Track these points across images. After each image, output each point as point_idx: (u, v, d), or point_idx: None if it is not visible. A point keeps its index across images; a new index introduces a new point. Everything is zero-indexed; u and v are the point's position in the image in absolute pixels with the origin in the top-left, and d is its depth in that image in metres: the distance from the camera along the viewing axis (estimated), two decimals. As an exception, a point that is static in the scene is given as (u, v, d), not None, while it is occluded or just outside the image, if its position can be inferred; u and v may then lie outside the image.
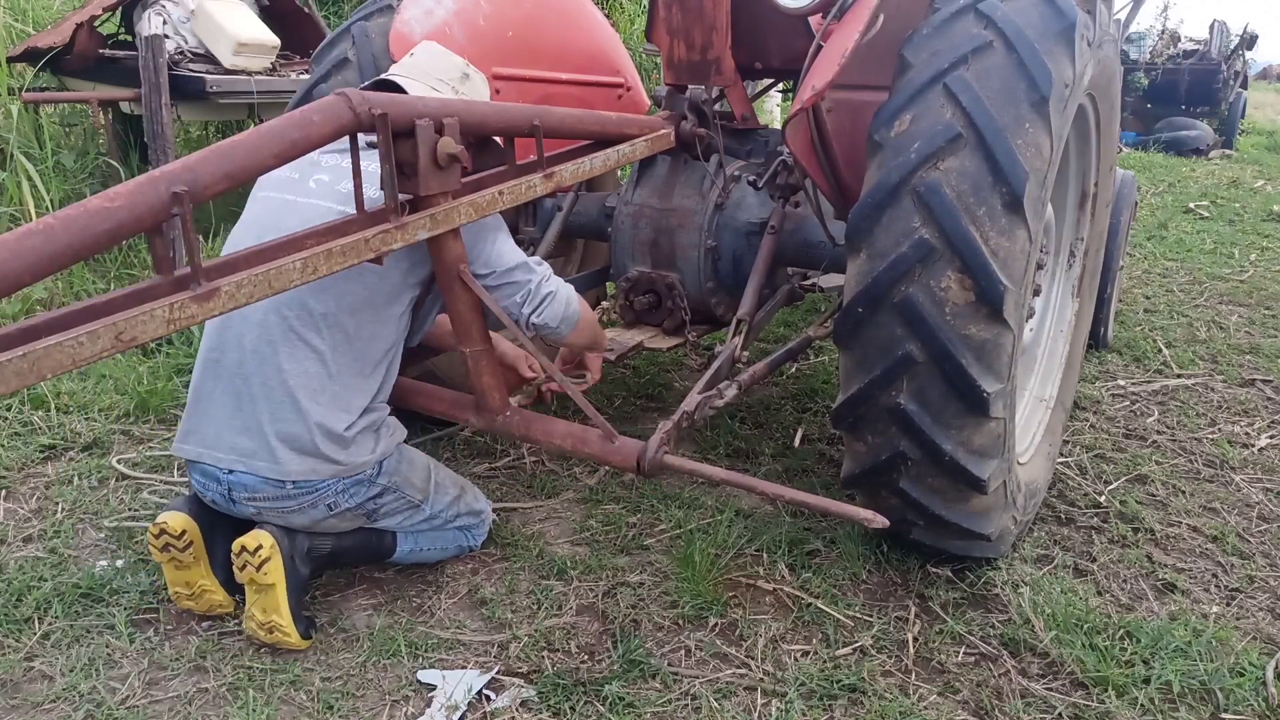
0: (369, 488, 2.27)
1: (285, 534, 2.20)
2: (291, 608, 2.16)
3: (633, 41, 6.94)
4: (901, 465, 2.23)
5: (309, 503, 2.20)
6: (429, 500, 2.41)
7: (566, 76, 3.21)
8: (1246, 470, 3.23)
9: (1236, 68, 13.28)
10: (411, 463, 2.40)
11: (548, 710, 2.05)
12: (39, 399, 3.36)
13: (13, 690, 2.07)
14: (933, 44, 2.18)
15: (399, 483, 2.34)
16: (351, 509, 2.28)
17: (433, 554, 2.52)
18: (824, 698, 2.11)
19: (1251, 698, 2.13)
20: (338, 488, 2.22)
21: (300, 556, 2.22)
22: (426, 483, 2.42)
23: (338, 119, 1.79)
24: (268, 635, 2.17)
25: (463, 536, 2.54)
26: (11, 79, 4.92)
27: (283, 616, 2.15)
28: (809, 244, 2.89)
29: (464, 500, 2.52)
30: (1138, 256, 6.12)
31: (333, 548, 2.32)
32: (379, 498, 2.31)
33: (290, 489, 2.17)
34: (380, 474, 2.28)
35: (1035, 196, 2.06)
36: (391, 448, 2.30)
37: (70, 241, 1.38)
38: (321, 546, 2.30)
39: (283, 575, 2.15)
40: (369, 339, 2.20)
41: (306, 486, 2.17)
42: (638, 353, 2.95)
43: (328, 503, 2.23)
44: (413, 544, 2.47)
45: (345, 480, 2.22)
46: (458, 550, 2.55)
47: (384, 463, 2.28)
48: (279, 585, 2.14)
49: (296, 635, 2.16)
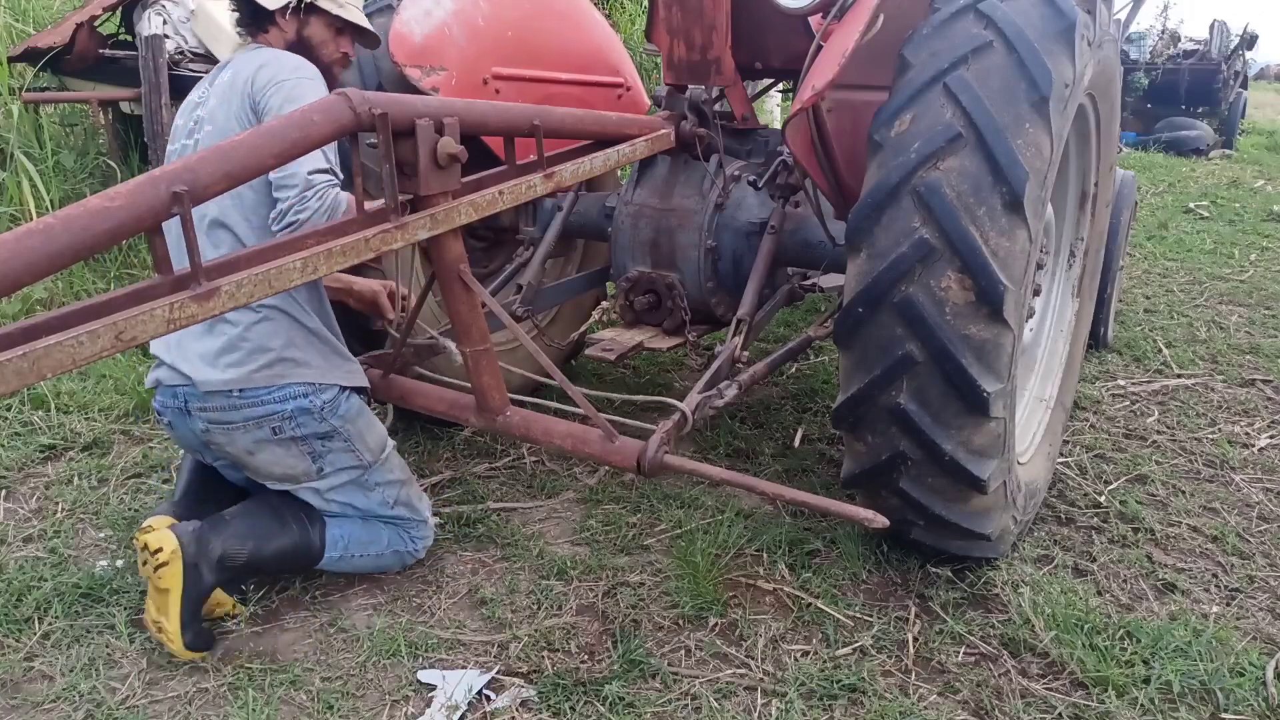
0: (319, 422, 2.27)
1: (195, 539, 2.17)
2: (184, 615, 2.15)
3: (633, 41, 6.94)
4: (901, 465, 2.23)
5: (254, 420, 2.21)
6: (376, 467, 2.40)
7: (566, 76, 3.20)
8: (1246, 470, 3.23)
9: (1236, 68, 13.27)
10: (371, 424, 2.41)
11: (548, 710, 2.05)
12: (39, 399, 3.37)
13: (13, 690, 2.07)
14: (933, 44, 2.18)
15: (351, 432, 2.33)
16: (297, 440, 2.27)
17: (366, 561, 2.44)
18: (824, 698, 2.11)
19: (1251, 698, 2.13)
20: (285, 410, 2.22)
21: (209, 564, 2.19)
22: (379, 448, 2.42)
23: (338, 119, 1.79)
24: (156, 633, 2.18)
25: (399, 539, 2.47)
26: (11, 79, 4.92)
27: (170, 622, 2.14)
28: (809, 244, 2.89)
29: (407, 490, 2.49)
30: (1138, 256, 6.12)
31: (250, 555, 2.26)
32: (328, 439, 2.30)
33: (235, 398, 2.19)
34: (333, 413, 2.28)
35: (1035, 196, 2.06)
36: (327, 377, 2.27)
37: (70, 241, 1.38)
38: (237, 554, 2.24)
39: (179, 583, 2.13)
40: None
41: (251, 396, 2.18)
42: (638, 353, 2.95)
43: (273, 425, 2.23)
44: (344, 544, 2.39)
45: (291, 402, 2.21)
46: (395, 558, 2.48)
47: (339, 405, 2.29)
48: (173, 592, 2.14)
49: (180, 644, 2.14)
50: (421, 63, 2.74)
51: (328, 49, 2.40)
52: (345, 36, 2.43)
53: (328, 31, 2.39)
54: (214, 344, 2.20)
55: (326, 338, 2.33)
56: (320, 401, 2.26)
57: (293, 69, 2.23)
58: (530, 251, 3.19)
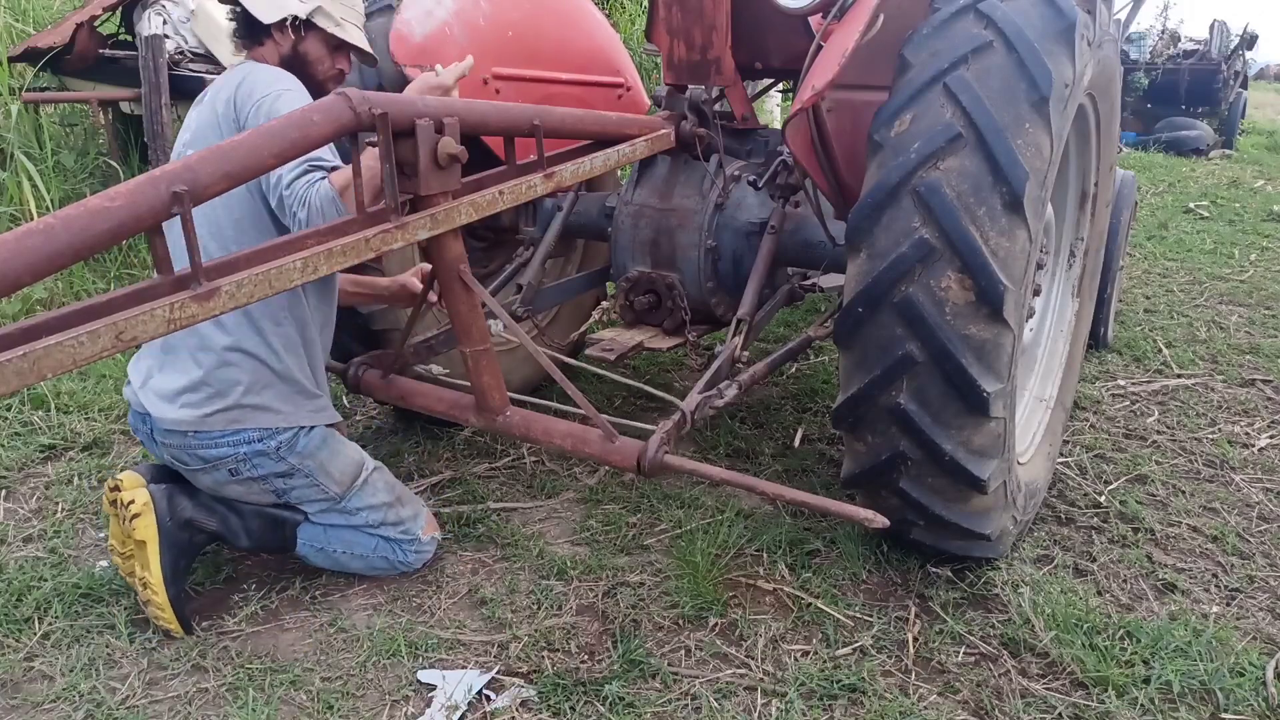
0: (275, 462, 2.25)
1: (166, 496, 2.22)
2: (166, 568, 2.17)
3: (633, 41, 6.94)
4: (901, 465, 2.23)
5: (210, 461, 2.21)
6: (348, 496, 2.38)
7: (566, 76, 3.20)
8: (1246, 470, 3.23)
9: (1236, 68, 13.27)
10: (335, 453, 2.35)
11: (548, 710, 2.05)
12: (39, 399, 3.37)
13: (13, 690, 2.07)
14: (933, 44, 2.18)
15: (312, 468, 2.31)
16: (256, 480, 2.26)
17: (353, 561, 2.44)
18: (824, 698, 2.11)
19: (1251, 698, 2.13)
20: (239, 454, 2.21)
21: (179, 522, 2.21)
22: (350, 477, 2.38)
23: (338, 119, 1.79)
24: (142, 590, 2.20)
25: (390, 549, 2.45)
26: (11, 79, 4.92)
27: (153, 575, 2.16)
28: (809, 244, 2.89)
29: (396, 511, 2.44)
30: (1138, 256, 6.12)
31: (218, 527, 2.30)
32: (287, 477, 2.29)
33: (190, 439, 2.19)
34: (290, 452, 2.26)
35: (1035, 196, 2.06)
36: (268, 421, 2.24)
37: (70, 241, 1.38)
38: (205, 521, 2.27)
39: (154, 533, 2.17)
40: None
41: (205, 438, 2.18)
42: (638, 353, 2.94)
43: (229, 467, 2.23)
44: (321, 541, 2.40)
45: (245, 446, 2.20)
46: (385, 564, 2.46)
47: (297, 442, 2.26)
48: (150, 543, 2.17)
49: (164, 595, 2.17)
50: (422, 62, 2.74)
51: (323, 65, 2.37)
52: (342, 54, 2.41)
53: (323, 49, 2.36)
54: (176, 382, 2.19)
55: (294, 379, 2.28)
56: (276, 443, 2.24)
57: (269, 82, 2.19)
58: (530, 251, 3.19)
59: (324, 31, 2.33)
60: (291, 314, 2.26)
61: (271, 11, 2.27)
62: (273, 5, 2.28)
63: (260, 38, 2.32)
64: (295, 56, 2.33)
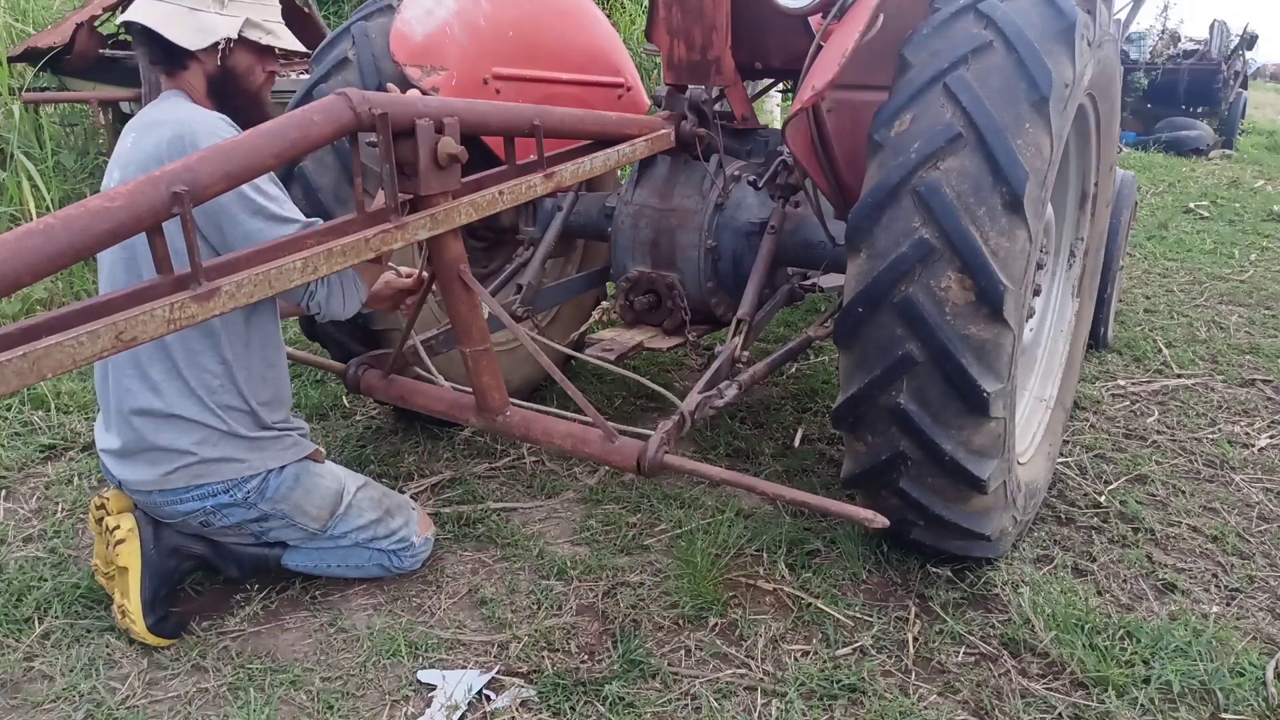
0: (246, 510, 2.21)
1: (153, 523, 2.21)
2: (146, 596, 2.15)
3: (633, 41, 6.94)
4: (901, 465, 2.23)
5: (180, 515, 2.19)
6: (330, 526, 2.34)
7: (566, 76, 3.20)
8: (1246, 470, 3.23)
9: (1236, 68, 13.26)
10: (310, 490, 2.29)
11: (548, 710, 2.05)
12: (39, 399, 3.37)
13: (13, 690, 2.07)
14: (933, 44, 2.18)
15: (286, 510, 2.26)
16: (230, 528, 2.25)
17: (345, 570, 2.43)
18: (824, 698, 2.11)
19: (1251, 698, 2.13)
20: (206, 507, 2.18)
21: (165, 549, 2.20)
22: (329, 510, 2.33)
23: (338, 119, 1.79)
24: (120, 618, 2.18)
25: (385, 558, 2.44)
26: (11, 79, 4.92)
27: (131, 602, 2.15)
28: (809, 244, 2.89)
29: (385, 524, 2.41)
30: (1138, 256, 6.12)
31: (204, 552, 2.30)
32: (262, 521, 2.26)
33: (155, 497, 2.17)
34: (261, 498, 2.21)
35: (1035, 196, 2.06)
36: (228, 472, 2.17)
37: (70, 241, 1.38)
38: (192, 547, 2.27)
39: (137, 561, 2.15)
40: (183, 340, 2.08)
41: (170, 496, 2.16)
42: (638, 353, 2.94)
43: (200, 520, 2.20)
44: (314, 560, 2.40)
45: (211, 500, 2.17)
46: (382, 571, 2.45)
47: (267, 487, 2.21)
48: (132, 571, 2.15)
49: (143, 625, 2.15)
50: (422, 62, 2.74)
51: (253, 75, 2.22)
52: (269, 56, 2.24)
53: (252, 58, 2.20)
54: (123, 449, 2.15)
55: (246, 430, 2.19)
56: (244, 493, 2.19)
57: (208, 134, 2.02)
58: (530, 251, 3.19)
59: (252, 42, 2.17)
60: (221, 362, 2.15)
61: (195, 36, 2.09)
62: (191, 27, 2.08)
63: (183, 61, 2.14)
64: (223, 73, 2.17)
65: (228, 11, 2.12)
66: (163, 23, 2.07)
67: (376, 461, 3.08)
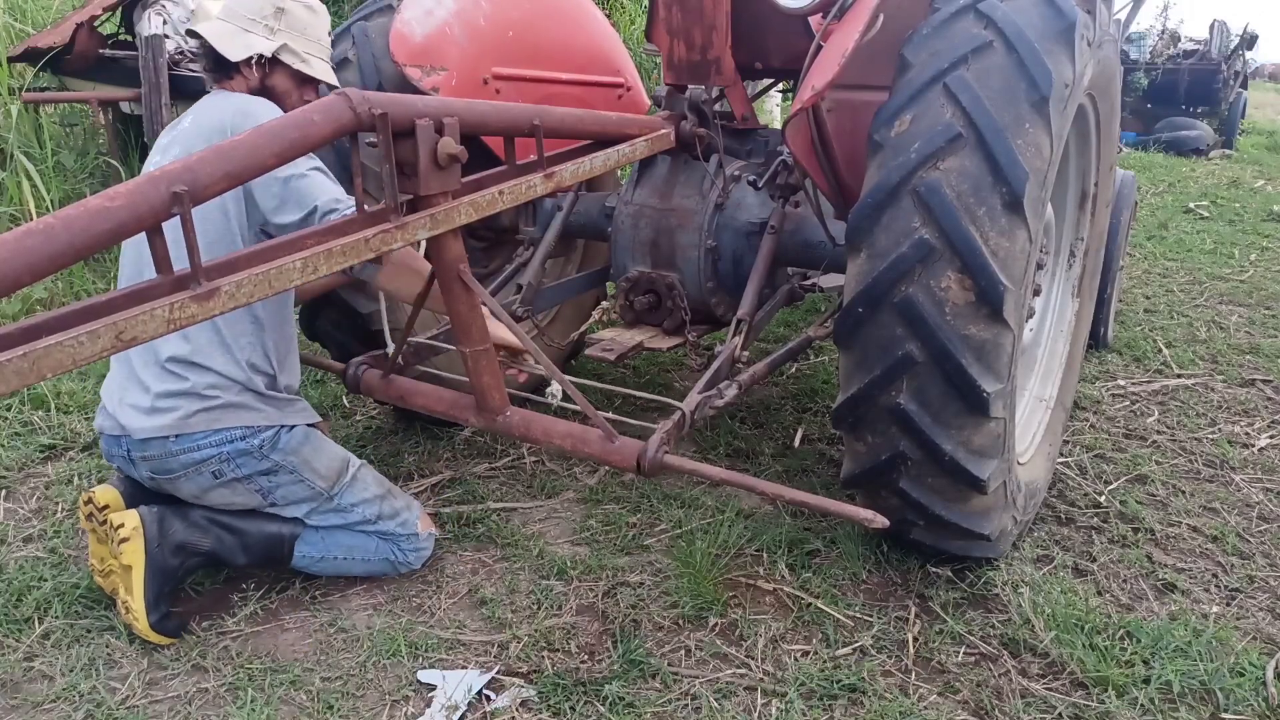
0: (259, 460, 2.27)
1: (157, 521, 2.23)
2: (149, 595, 2.18)
3: (633, 41, 6.94)
4: (901, 465, 2.23)
5: (193, 465, 2.22)
6: (337, 490, 2.39)
7: (566, 76, 3.20)
8: (1246, 470, 3.23)
9: (1236, 68, 13.27)
10: (319, 449, 2.38)
11: (548, 710, 2.05)
12: (39, 399, 3.37)
13: (13, 690, 2.07)
14: (933, 44, 2.18)
15: (296, 464, 2.32)
16: (241, 481, 2.28)
17: (353, 565, 2.45)
18: (824, 698, 2.11)
19: (1251, 698, 2.13)
20: (222, 453, 2.22)
21: (169, 547, 2.22)
22: (336, 472, 2.39)
23: (338, 119, 1.79)
24: (124, 614, 2.21)
25: (389, 549, 2.46)
26: (11, 79, 4.92)
27: (135, 600, 2.17)
28: (809, 244, 2.89)
29: (391, 504, 2.46)
30: (1138, 256, 6.12)
31: (212, 546, 2.30)
32: (272, 475, 2.30)
33: (172, 444, 2.20)
34: (273, 449, 2.28)
35: (1035, 196, 2.06)
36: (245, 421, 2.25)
37: (70, 241, 1.38)
38: (199, 542, 2.28)
39: (141, 559, 2.17)
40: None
41: (187, 442, 2.19)
42: (638, 353, 2.94)
43: (213, 469, 2.24)
44: (320, 549, 2.41)
45: (228, 445, 2.22)
46: (385, 565, 2.47)
47: (279, 439, 2.28)
48: (136, 569, 2.17)
49: (145, 622, 2.17)
50: (422, 62, 2.74)
51: (291, 99, 2.39)
52: (309, 87, 2.44)
53: (290, 83, 2.40)
54: (148, 399, 2.21)
55: (265, 388, 2.31)
56: (258, 441, 2.26)
57: (267, 111, 2.23)
58: (530, 251, 3.19)
59: (290, 67, 2.37)
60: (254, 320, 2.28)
61: (238, 50, 2.31)
62: (239, 43, 2.31)
63: (230, 72, 2.35)
64: (264, 90, 2.37)
65: (273, 37, 2.35)
66: (216, 36, 2.31)
67: (376, 461, 3.08)
